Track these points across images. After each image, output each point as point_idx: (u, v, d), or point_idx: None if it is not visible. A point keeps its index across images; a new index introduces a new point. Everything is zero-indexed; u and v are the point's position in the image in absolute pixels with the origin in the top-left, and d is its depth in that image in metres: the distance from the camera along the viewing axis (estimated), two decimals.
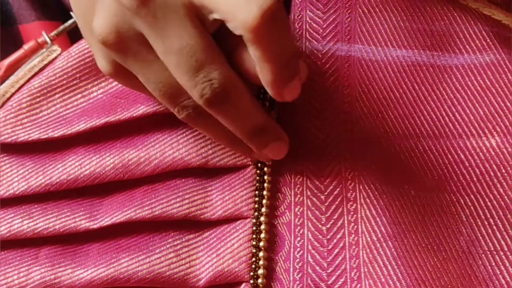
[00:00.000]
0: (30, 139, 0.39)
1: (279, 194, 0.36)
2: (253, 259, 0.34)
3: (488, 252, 0.32)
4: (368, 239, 0.33)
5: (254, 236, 0.35)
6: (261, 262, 0.34)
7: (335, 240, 0.34)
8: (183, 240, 0.35)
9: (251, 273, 0.34)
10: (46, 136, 0.38)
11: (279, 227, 0.35)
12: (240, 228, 0.35)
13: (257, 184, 0.36)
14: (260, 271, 0.34)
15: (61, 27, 0.43)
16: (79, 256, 0.37)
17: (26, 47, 0.43)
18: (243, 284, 0.34)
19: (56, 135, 0.38)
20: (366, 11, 0.37)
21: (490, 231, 0.33)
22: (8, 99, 0.41)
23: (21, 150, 0.39)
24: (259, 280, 0.34)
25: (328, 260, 0.34)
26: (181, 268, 0.35)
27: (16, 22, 0.51)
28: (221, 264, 0.34)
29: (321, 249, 0.34)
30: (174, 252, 0.35)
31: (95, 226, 0.36)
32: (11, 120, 0.39)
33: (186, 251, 0.35)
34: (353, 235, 0.34)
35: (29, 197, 0.38)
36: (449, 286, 0.32)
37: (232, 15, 0.28)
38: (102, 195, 0.37)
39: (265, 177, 0.36)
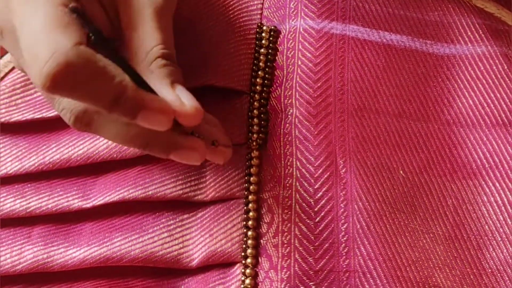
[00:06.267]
0: (24, 119, 0.41)
1: (270, 168, 0.37)
2: (245, 238, 0.36)
3: (473, 237, 0.35)
4: (359, 215, 0.35)
5: (245, 215, 0.36)
6: (250, 242, 0.36)
7: (322, 213, 0.35)
8: (177, 220, 0.37)
9: (242, 253, 0.36)
10: (40, 116, 0.40)
11: (269, 201, 0.36)
12: (234, 208, 0.37)
13: (247, 163, 0.37)
14: (249, 251, 0.35)
15: None
16: (72, 235, 0.39)
17: None
18: (237, 265, 0.36)
19: (50, 115, 0.40)
20: None
21: (475, 216, 0.35)
22: (2, 78, 0.43)
23: (15, 130, 0.41)
24: (248, 260, 0.35)
25: (315, 232, 0.35)
26: (174, 248, 0.36)
27: None
28: (214, 245, 0.36)
29: (308, 221, 0.35)
30: (167, 232, 0.37)
31: (88, 206, 0.38)
32: (5, 100, 0.41)
33: (179, 231, 0.37)
34: (342, 209, 0.35)
35: (22, 177, 0.40)
36: (437, 268, 0.34)
37: (30, 76, 0.29)
38: (96, 174, 0.40)
39: (252, 153, 0.37)
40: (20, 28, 0.29)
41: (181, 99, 0.31)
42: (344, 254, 0.34)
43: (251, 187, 0.37)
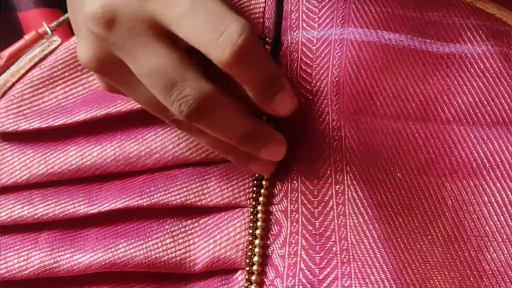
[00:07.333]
0: (31, 127, 0.42)
1: (278, 182, 0.38)
2: (250, 246, 0.37)
3: (473, 238, 0.35)
4: (355, 221, 0.35)
5: (251, 224, 0.37)
6: (256, 250, 0.36)
7: (326, 223, 0.36)
8: (180, 226, 0.38)
9: (247, 261, 0.36)
10: (46, 124, 0.41)
11: (276, 214, 0.37)
12: (238, 216, 0.37)
13: (256, 175, 0.38)
14: (256, 259, 0.36)
15: (62, 18, 0.46)
16: (78, 241, 0.39)
17: (27, 37, 0.46)
18: (239, 271, 0.37)
19: (56, 124, 0.41)
20: None
21: (475, 217, 0.35)
22: (9, 88, 0.44)
23: (22, 139, 0.42)
24: (254, 267, 0.36)
25: (320, 243, 0.36)
26: (178, 254, 0.37)
27: (15, 9, 0.54)
28: (218, 251, 0.37)
29: (314, 232, 0.36)
30: (171, 237, 0.38)
31: (93, 211, 0.39)
32: (14, 110, 0.42)
33: (183, 236, 0.38)
34: (341, 217, 0.36)
35: (30, 184, 0.41)
36: (435, 270, 0.34)
37: (204, 50, 0.30)
38: (101, 182, 0.40)
39: None
40: (189, 12, 0.30)
41: None
42: (345, 261, 0.35)
43: (260, 198, 0.37)
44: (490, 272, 0.34)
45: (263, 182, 0.38)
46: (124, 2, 0.31)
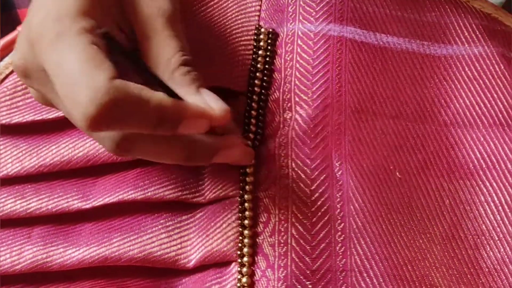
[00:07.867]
0: (25, 120, 0.41)
1: (265, 168, 0.37)
2: (240, 237, 0.36)
3: (470, 236, 0.35)
4: (355, 216, 0.35)
5: (239, 214, 0.36)
6: (246, 240, 0.36)
7: (319, 214, 0.36)
8: (175, 221, 0.38)
9: (238, 252, 0.36)
10: (40, 117, 0.41)
11: (264, 201, 0.37)
12: (228, 207, 0.37)
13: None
14: (245, 250, 0.36)
15: None
16: (72, 236, 0.39)
17: (20, 28, 0.45)
18: (233, 264, 0.36)
19: (50, 117, 0.41)
20: None
21: (472, 216, 0.36)
22: (3, 80, 0.43)
23: (15, 131, 0.42)
24: (245, 259, 0.36)
25: (312, 233, 0.35)
26: (173, 249, 0.37)
27: (14, 7, 0.54)
28: (210, 245, 0.36)
29: (305, 221, 0.36)
30: (166, 232, 0.37)
31: (87, 206, 0.38)
32: (6, 102, 0.42)
33: (177, 232, 0.37)
34: (338, 210, 0.36)
35: (23, 178, 0.41)
36: (433, 267, 0.34)
37: (70, 116, 0.30)
38: (95, 176, 0.40)
39: None
40: (54, 71, 0.29)
41: (209, 104, 0.32)
42: (340, 253, 0.35)
43: (246, 186, 0.37)
44: (487, 269, 0.34)
45: (247, 170, 0.37)
46: (26, 55, 0.32)
